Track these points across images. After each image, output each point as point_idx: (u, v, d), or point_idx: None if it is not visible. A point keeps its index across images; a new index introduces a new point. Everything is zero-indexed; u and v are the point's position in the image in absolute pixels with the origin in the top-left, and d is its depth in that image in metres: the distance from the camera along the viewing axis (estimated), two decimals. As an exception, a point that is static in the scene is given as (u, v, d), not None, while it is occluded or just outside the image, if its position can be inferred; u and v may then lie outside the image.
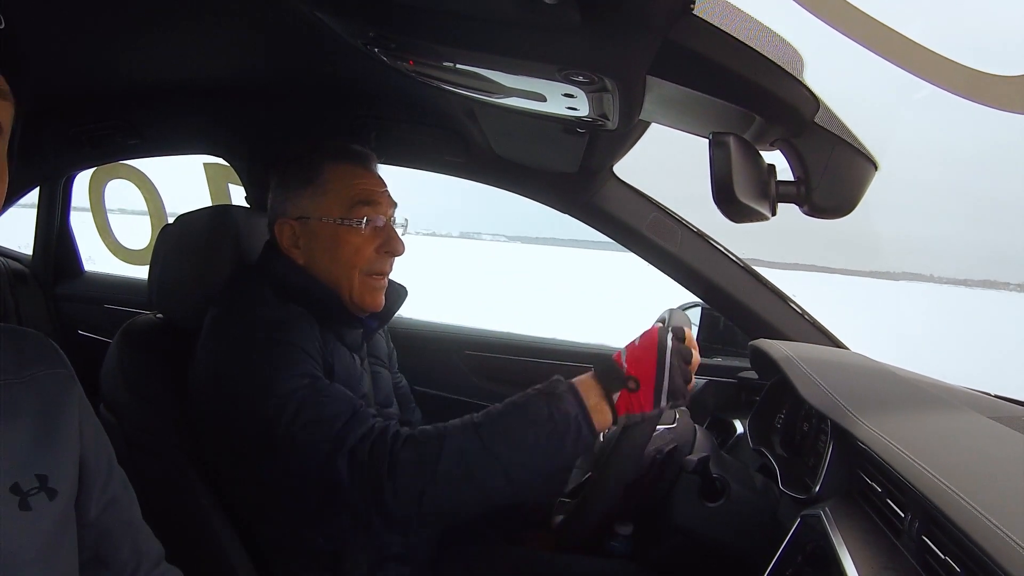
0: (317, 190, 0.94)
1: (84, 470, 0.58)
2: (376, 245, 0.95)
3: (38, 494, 0.52)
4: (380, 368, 1.07)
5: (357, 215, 0.93)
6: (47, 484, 0.53)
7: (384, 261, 0.96)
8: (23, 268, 1.59)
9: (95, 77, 1.14)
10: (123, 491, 0.63)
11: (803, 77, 0.57)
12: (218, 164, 1.70)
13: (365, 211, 0.93)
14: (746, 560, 0.88)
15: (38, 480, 0.53)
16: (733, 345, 1.36)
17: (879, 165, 0.64)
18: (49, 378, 0.58)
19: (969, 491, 0.55)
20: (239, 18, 0.88)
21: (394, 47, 0.64)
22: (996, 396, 1.02)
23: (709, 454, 0.92)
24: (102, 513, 0.60)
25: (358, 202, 0.93)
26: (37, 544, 0.52)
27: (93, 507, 0.59)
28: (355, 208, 0.93)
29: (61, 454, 0.56)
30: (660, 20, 0.48)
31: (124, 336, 0.99)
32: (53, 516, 0.53)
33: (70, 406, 0.58)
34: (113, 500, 0.61)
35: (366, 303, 0.96)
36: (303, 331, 0.87)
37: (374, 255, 0.95)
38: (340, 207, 0.93)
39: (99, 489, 0.60)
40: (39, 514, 0.52)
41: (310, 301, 0.93)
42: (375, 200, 0.95)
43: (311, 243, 0.94)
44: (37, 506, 0.52)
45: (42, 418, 0.55)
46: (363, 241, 0.94)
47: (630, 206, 1.23)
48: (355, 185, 0.94)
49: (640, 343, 0.81)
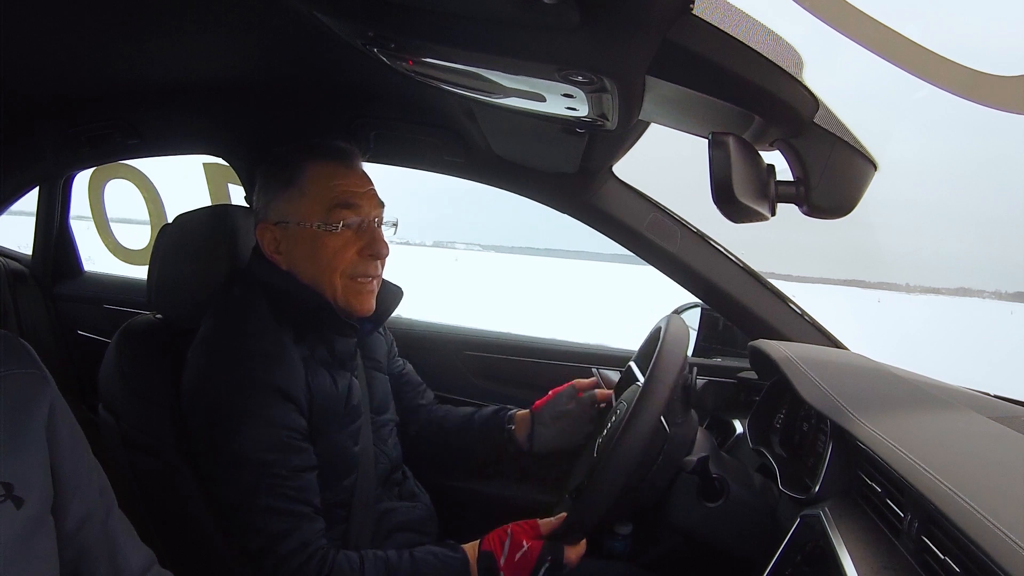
0: (295, 193, 0.92)
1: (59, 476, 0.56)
2: (358, 247, 0.93)
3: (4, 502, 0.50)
4: (376, 372, 1.07)
5: (335, 219, 0.91)
6: (12, 492, 0.51)
7: (367, 263, 0.94)
8: (22, 268, 1.59)
9: (95, 77, 1.14)
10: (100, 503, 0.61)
11: (802, 77, 0.57)
12: (218, 164, 1.70)
13: (344, 214, 0.92)
14: (745, 560, 0.88)
15: (3, 488, 0.50)
16: (733, 345, 1.36)
17: (878, 165, 0.64)
18: (16, 379, 0.55)
19: (969, 491, 0.55)
20: (238, 18, 0.88)
21: (393, 47, 0.64)
22: (996, 396, 1.02)
23: (708, 454, 0.91)
24: (79, 529, 0.58)
25: (336, 205, 0.92)
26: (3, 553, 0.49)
27: (70, 519, 0.57)
28: (333, 211, 0.91)
29: (28, 461, 0.53)
30: (659, 20, 0.48)
31: (123, 336, 0.99)
32: (20, 526, 0.51)
33: (39, 408, 0.55)
34: (90, 514, 0.59)
35: (353, 307, 0.94)
36: (291, 367, 0.88)
37: (356, 258, 0.93)
38: (319, 211, 0.91)
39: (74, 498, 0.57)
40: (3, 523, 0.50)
41: (299, 310, 0.92)
42: (354, 202, 0.93)
43: (292, 248, 0.93)
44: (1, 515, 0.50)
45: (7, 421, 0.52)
46: (343, 244, 0.92)
47: (629, 206, 1.23)
48: (334, 187, 0.92)
49: (518, 559, 0.86)
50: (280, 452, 0.84)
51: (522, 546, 0.87)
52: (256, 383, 0.85)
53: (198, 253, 1.00)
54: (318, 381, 0.91)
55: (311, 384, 0.90)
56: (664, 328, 0.95)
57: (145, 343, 0.99)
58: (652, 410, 0.84)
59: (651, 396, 0.85)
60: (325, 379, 0.92)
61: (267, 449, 0.83)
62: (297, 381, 0.88)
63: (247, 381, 0.85)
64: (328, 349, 0.94)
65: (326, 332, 0.94)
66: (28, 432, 0.54)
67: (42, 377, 0.57)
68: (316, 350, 0.93)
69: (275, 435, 0.84)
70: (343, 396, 0.94)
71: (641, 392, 0.86)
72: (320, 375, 0.92)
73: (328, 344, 0.95)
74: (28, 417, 0.54)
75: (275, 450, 0.84)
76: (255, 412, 0.84)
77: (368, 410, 1.00)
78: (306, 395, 0.89)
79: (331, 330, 0.95)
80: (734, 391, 1.29)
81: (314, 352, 0.93)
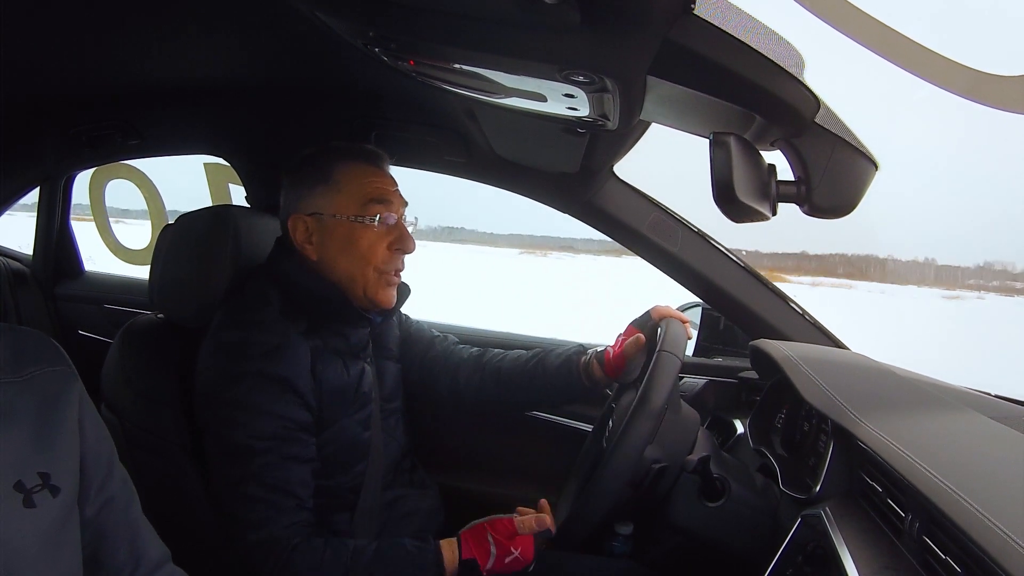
0: (331, 188, 0.95)
1: (83, 467, 0.59)
2: (388, 242, 0.97)
3: (41, 491, 0.53)
4: (387, 361, 1.08)
5: (371, 212, 0.95)
6: (49, 481, 0.54)
7: (397, 258, 0.98)
8: (23, 268, 1.59)
9: (96, 77, 1.14)
10: (121, 491, 0.63)
11: (804, 77, 0.57)
12: (218, 164, 1.70)
13: (378, 209, 0.95)
14: (746, 560, 0.88)
15: (40, 478, 0.53)
16: (733, 345, 1.36)
17: (879, 165, 0.64)
18: (49, 376, 0.58)
19: (969, 491, 0.55)
20: (239, 18, 0.88)
21: (394, 47, 0.64)
22: (996, 396, 1.02)
23: (709, 454, 0.91)
24: (98, 513, 0.60)
25: (371, 200, 0.95)
26: (41, 541, 0.52)
27: (89, 506, 0.59)
28: (368, 206, 0.95)
29: (62, 451, 0.56)
30: (660, 20, 0.48)
31: (125, 336, 0.99)
32: (56, 513, 0.54)
33: (70, 403, 0.58)
34: (110, 500, 0.61)
35: (379, 299, 0.97)
36: (295, 358, 0.89)
37: (387, 252, 0.97)
38: (354, 205, 0.95)
39: (97, 487, 0.60)
40: (43, 511, 0.53)
41: (315, 302, 0.94)
42: (387, 198, 0.96)
43: (325, 239, 0.96)
44: (41, 503, 0.53)
45: (43, 416, 0.56)
46: (376, 238, 0.96)
47: (630, 206, 1.23)
48: (368, 183, 0.96)
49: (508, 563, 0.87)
50: (273, 440, 0.86)
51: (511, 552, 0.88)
52: (256, 373, 0.87)
53: (199, 253, 1.00)
54: (328, 370, 0.93)
55: (319, 374, 0.92)
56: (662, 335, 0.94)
57: (148, 343, 0.99)
58: (653, 407, 0.84)
59: (651, 394, 0.85)
60: (336, 367, 0.94)
61: (260, 437, 0.85)
62: (301, 373, 0.89)
63: (247, 372, 0.87)
64: (343, 339, 0.97)
65: (340, 324, 0.97)
66: (61, 425, 0.57)
67: (72, 373, 0.60)
68: (329, 340, 0.95)
69: (271, 424, 0.86)
70: (354, 382, 0.96)
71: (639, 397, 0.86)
72: (332, 364, 0.94)
73: (343, 335, 0.97)
74: (61, 411, 0.57)
75: (269, 438, 0.86)
76: (253, 402, 0.86)
77: (379, 398, 1.03)
78: (311, 386, 0.90)
79: (345, 322, 0.97)
80: (735, 391, 1.29)
81: (327, 342, 0.95)
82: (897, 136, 44.58)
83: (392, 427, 1.05)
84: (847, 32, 1.70)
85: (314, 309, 0.95)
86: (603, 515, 0.86)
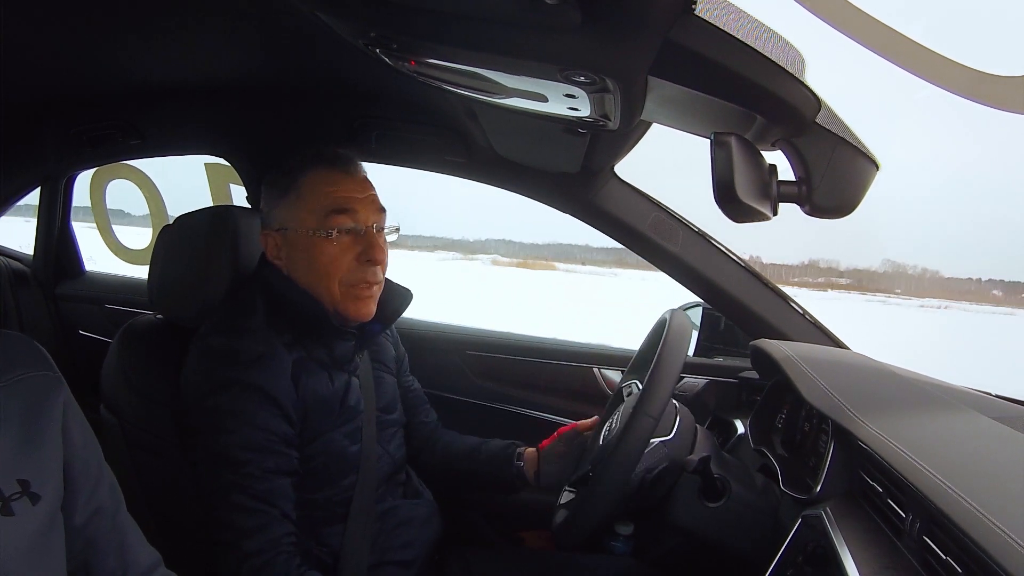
0: (295, 199, 0.93)
1: (70, 474, 0.57)
2: (355, 254, 0.92)
3: (20, 499, 0.52)
4: (384, 374, 1.07)
5: (330, 225, 0.91)
6: (29, 489, 0.52)
7: (365, 270, 0.93)
8: (24, 268, 1.59)
9: (96, 77, 1.14)
10: (110, 498, 0.62)
11: (804, 77, 0.57)
12: (219, 164, 1.70)
13: (339, 220, 0.91)
14: (747, 560, 0.88)
15: (20, 485, 0.52)
16: (734, 345, 1.36)
17: (880, 165, 0.64)
18: (33, 381, 0.57)
19: (970, 491, 0.55)
20: (240, 18, 0.88)
21: (395, 48, 0.64)
22: (997, 396, 1.02)
23: (710, 454, 0.91)
24: (88, 522, 0.59)
25: (332, 211, 0.91)
26: (21, 549, 0.51)
27: (78, 514, 0.58)
28: (329, 217, 0.91)
29: (44, 458, 0.55)
30: (661, 20, 0.48)
31: (125, 336, 0.99)
32: (38, 521, 0.53)
33: (54, 409, 0.57)
34: (99, 509, 0.60)
35: (351, 313, 0.94)
36: (278, 369, 0.88)
37: (354, 264, 0.92)
38: (314, 217, 0.91)
39: (86, 496, 0.59)
40: (22, 519, 0.51)
41: (297, 314, 0.93)
42: (350, 207, 0.92)
43: (291, 254, 0.94)
44: (20, 511, 0.51)
45: (27, 422, 0.54)
46: (339, 251, 0.92)
47: (631, 206, 1.23)
48: (329, 193, 0.92)
49: None
50: (255, 452, 0.84)
51: None
52: (239, 383, 0.85)
53: (199, 254, 1.00)
54: (312, 382, 0.91)
55: (302, 386, 0.90)
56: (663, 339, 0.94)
57: (147, 343, 0.99)
58: (655, 406, 0.84)
59: (653, 393, 0.85)
60: (321, 379, 0.92)
61: (243, 448, 0.84)
62: (282, 385, 0.87)
63: (230, 381, 0.85)
64: (327, 351, 0.95)
65: (324, 336, 0.94)
66: (45, 431, 0.55)
67: (56, 379, 0.59)
68: (314, 352, 0.93)
69: (253, 436, 0.85)
70: (339, 395, 0.94)
71: (643, 389, 0.86)
72: (316, 375, 0.92)
73: (327, 346, 0.95)
74: (44, 417, 0.56)
75: (250, 450, 0.84)
76: (236, 411, 0.85)
77: (374, 410, 1.00)
78: (293, 399, 0.88)
79: (329, 334, 0.95)
80: (735, 391, 1.29)
81: (311, 354, 0.93)
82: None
83: (388, 439, 1.02)
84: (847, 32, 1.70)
85: (297, 321, 0.93)
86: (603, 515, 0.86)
